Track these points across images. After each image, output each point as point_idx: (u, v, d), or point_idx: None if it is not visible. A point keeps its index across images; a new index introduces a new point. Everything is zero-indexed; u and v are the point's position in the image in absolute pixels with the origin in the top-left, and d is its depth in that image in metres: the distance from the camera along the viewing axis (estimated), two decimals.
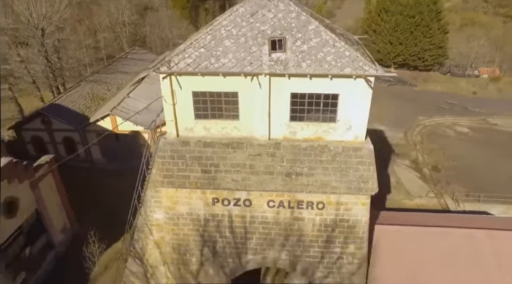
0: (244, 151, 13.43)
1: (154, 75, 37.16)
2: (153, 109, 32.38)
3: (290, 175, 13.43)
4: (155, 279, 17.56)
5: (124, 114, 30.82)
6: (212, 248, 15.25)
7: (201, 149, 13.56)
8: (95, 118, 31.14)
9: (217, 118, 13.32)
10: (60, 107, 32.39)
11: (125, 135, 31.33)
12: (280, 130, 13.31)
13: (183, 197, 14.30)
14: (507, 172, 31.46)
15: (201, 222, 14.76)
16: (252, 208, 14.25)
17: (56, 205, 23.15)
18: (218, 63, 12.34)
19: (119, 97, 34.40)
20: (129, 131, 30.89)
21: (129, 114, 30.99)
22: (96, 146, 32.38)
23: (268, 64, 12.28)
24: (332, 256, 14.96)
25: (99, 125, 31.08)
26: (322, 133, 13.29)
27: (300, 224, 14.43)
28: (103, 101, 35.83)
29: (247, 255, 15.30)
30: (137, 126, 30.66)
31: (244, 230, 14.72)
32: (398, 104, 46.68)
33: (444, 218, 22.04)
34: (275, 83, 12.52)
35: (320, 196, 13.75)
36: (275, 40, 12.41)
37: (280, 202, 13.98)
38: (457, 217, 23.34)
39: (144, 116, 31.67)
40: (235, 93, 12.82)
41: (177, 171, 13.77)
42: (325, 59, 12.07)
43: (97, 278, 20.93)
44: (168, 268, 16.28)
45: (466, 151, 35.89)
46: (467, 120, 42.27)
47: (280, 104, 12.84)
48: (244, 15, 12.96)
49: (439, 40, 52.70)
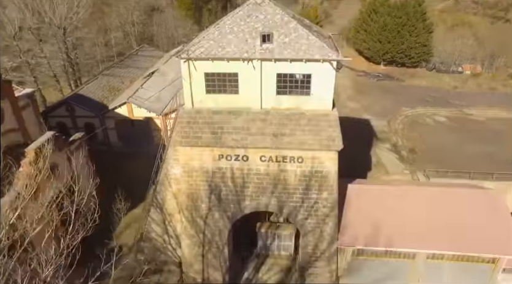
0: (242, 117, 18.16)
1: (163, 69, 42.02)
2: (163, 98, 37.34)
3: (276, 136, 18.14)
4: (171, 225, 22.26)
5: (139, 102, 35.59)
6: (217, 196, 19.94)
7: (210, 116, 18.29)
8: (113, 106, 35.87)
9: (222, 92, 18.05)
10: (82, 96, 37.17)
11: (139, 121, 36.05)
12: (269, 101, 18.04)
13: (196, 154, 19.00)
14: (474, 153, 36.12)
15: (209, 175, 19.46)
16: (248, 162, 18.96)
17: (85, 175, 27.85)
18: (223, 51, 17.07)
19: (133, 88, 39.11)
20: (143, 117, 35.62)
21: (143, 102, 35.79)
22: (113, 131, 37.14)
23: (260, 52, 17.00)
24: (310, 201, 19.65)
25: (116, 112, 35.81)
26: (300, 103, 18.01)
27: (285, 174, 19.13)
28: (118, 91, 40.60)
29: (245, 201, 20.00)
30: (150, 112, 35.41)
31: (242, 180, 19.42)
32: (385, 97, 51.40)
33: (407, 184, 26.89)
34: (265, 66, 17.24)
35: (300, 152, 18.45)
36: (265, 35, 17.13)
37: (270, 157, 18.68)
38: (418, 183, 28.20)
39: (156, 104, 36.54)
40: (235, 73, 17.55)
41: (192, 133, 18.48)
42: (301, 48, 16.79)
43: (122, 231, 25.59)
44: (183, 214, 20.95)
45: (441, 137, 40.59)
46: (446, 111, 46.98)
47: (269, 81, 17.57)
48: (242, 16, 17.68)
49: (423, 39, 57.40)
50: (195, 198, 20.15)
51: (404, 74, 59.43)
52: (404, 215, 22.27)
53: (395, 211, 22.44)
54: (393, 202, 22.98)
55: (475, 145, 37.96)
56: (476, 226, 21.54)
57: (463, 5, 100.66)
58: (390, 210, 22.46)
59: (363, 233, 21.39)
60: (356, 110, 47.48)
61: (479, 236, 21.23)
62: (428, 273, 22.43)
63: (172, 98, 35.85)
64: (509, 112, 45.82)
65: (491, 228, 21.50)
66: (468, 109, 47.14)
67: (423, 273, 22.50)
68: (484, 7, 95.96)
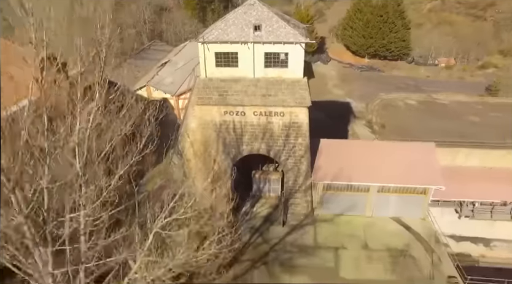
0: (241, 83, 26.29)
1: (174, 59, 50.09)
2: (175, 83, 45.48)
3: (264, 96, 26.27)
4: (187, 168, 30.30)
5: (157, 85, 43.84)
6: (223, 142, 28.04)
7: (218, 83, 26.43)
8: (135, 88, 44.03)
9: (226, 66, 26.20)
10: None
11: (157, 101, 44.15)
12: (259, 72, 26.17)
13: (208, 110, 27.12)
14: (433, 128, 44.24)
15: (217, 126, 27.57)
16: (245, 116, 27.08)
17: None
18: (228, 36, 25.20)
19: (150, 75, 47.32)
20: (160, 97, 43.76)
21: (160, 85, 44.05)
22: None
23: (253, 37, 25.12)
24: (289, 145, 27.77)
25: (138, 94, 43.93)
26: (281, 73, 26.16)
27: (271, 125, 27.25)
28: (136, 78, 48.79)
29: (243, 146, 28.14)
30: (165, 94, 43.60)
31: (240, 130, 27.55)
32: (366, 85, 59.59)
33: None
34: (256, 47, 25.37)
35: (281, 108, 26.57)
36: (256, 26, 25.25)
37: (260, 112, 26.80)
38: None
39: (170, 87, 44.75)
40: (236, 52, 25.68)
41: (205, 95, 26.61)
42: (280, 35, 24.93)
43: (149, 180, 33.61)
44: (198, 158, 29.02)
45: (409, 116, 48.79)
46: (416, 95, 55.16)
47: (259, 58, 25.70)
48: (240, 13, 25.80)
49: (402, 35, 65.59)
50: (207, 145, 28.22)
51: (386, 66, 67.65)
52: (362, 160, 30.41)
53: (355, 157, 30.61)
54: (354, 151, 31.23)
55: (435, 122, 46.11)
56: (413, 166, 29.70)
57: (449, 5, 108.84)
58: (352, 156, 30.63)
59: (331, 172, 29.50)
60: (340, 95, 55.72)
61: (415, 173, 29.40)
62: (379, 204, 30.55)
63: (182, 82, 44.26)
64: (470, 96, 53.98)
65: (423, 168, 29.68)
66: (435, 94, 55.30)
67: (375, 204, 30.61)
68: (466, 7, 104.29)
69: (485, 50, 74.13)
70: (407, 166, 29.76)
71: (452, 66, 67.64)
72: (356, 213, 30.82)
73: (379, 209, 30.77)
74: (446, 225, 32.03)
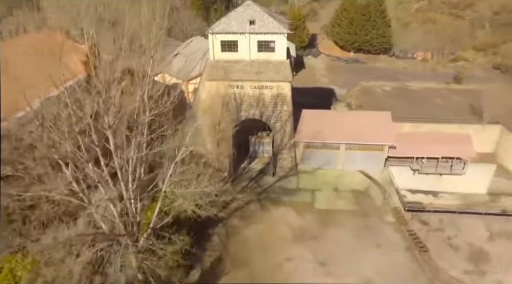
0: (240, 64, 35.57)
1: (184, 52, 59.36)
2: (185, 71, 54.72)
3: (257, 73, 35.51)
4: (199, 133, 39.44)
5: (170, 72, 53.09)
6: (226, 110, 37.22)
7: (223, 63, 35.71)
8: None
9: (229, 51, 35.48)
10: None
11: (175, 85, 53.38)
12: (254, 55, 35.46)
13: (215, 84, 36.35)
14: (402, 108, 53.01)
15: (222, 97, 36.77)
16: (243, 89, 36.34)
17: None
18: (230, 29, 34.49)
19: (163, 65, 56.51)
20: (172, 83, 52.96)
21: (173, 72, 53.29)
22: None
23: (249, 29, 34.42)
24: (277, 111, 37.02)
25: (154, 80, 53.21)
26: (270, 56, 35.44)
27: (263, 96, 36.49)
28: None
29: (241, 112, 37.37)
30: (177, 80, 52.79)
31: (240, 100, 36.79)
32: (349, 74, 68.70)
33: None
34: (251, 37, 34.65)
35: (271, 83, 35.84)
36: (251, 21, 34.52)
37: (255, 86, 36.03)
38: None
39: (180, 73, 53.99)
40: (236, 41, 35.00)
41: (213, 72, 35.86)
42: (269, 27, 34.20)
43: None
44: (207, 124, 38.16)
45: (383, 99, 57.93)
46: (392, 83, 64.30)
47: (253, 45, 34.99)
48: (239, 12, 35.07)
49: (383, 32, 74.81)
50: (214, 112, 37.37)
51: (369, 59, 76.89)
52: (334, 125, 39.71)
53: (329, 122, 39.89)
54: (329, 118, 40.52)
55: (405, 104, 55.28)
56: (372, 129, 38.92)
57: (435, 5, 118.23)
58: (326, 122, 39.91)
59: (310, 133, 38.76)
60: (326, 83, 64.98)
61: (373, 134, 38.61)
62: (347, 160, 39.75)
63: (191, 70, 53.52)
64: (438, 84, 63.18)
65: (381, 130, 38.90)
66: (408, 83, 64.49)
67: (344, 160, 39.79)
68: (449, 7, 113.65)
69: (459, 46, 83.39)
70: (368, 129, 39.02)
71: (427, 59, 76.90)
72: (330, 167, 40.05)
73: (348, 164, 39.99)
74: (403, 181, 41.21)
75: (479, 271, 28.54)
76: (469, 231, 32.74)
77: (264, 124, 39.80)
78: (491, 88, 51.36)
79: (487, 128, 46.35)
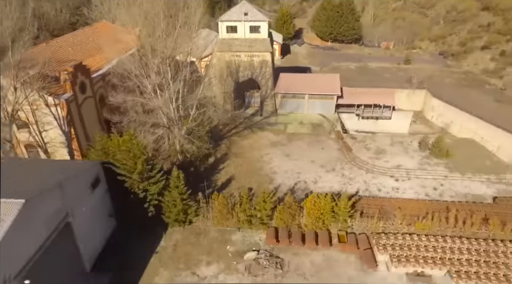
0: (238, 40, 56.87)
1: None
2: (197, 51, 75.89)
3: (250, 46, 56.73)
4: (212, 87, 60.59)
5: None
6: (229, 71, 58.40)
7: (228, 40, 57.03)
8: None
9: (231, 32, 56.78)
10: None
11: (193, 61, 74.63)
12: (247, 35, 56.79)
13: (222, 54, 57.56)
14: (361, 80, 74.06)
15: (227, 63, 57.93)
16: (240, 57, 57.60)
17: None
18: (232, 18, 55.78)
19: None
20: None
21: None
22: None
23: (244, 18, 55.68)
24: (262, 71, 58.21)
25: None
26: (257, 36, 56.69)
27: (253, 62, 57.75)
28: None
29: (239, 73, 58.55)
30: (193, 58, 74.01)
31: (238, 65, 58.03)
32: (325, 58, 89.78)
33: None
34: (245, 23, 55.87)
35: (258, 53, 57.09)
36: (245, 13, 55.77)
37: (248, 55, 57.26)
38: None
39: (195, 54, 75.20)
40: (236, 26, 56.30)
41: (221, 46, 57.17)
42: (257, 17, 55.47)
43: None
44: (217, 80, 59.28)
45: (348, 74, 78.86)
46: (356, 63, 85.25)
47: (247, 28, 56.27)
48: (238, 7, 56.37)
49: (352, 26, 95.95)
50: (221, 73, 58.50)
51: (342, 47, 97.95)
52: (302, 82, 60.71)
53: (298, 81, 60.95)
54: (298, 78, 61.69)
55: (364, 77, 76.23)
56: (327, 85, 59.96)
57: (408, 5, 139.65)
58: (296, 80, 60.96)
59: (285, 88, 59.79)
60: (305, 63, 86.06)
61: (327, 88, 59.64)
62: (310, 106, 60.69)
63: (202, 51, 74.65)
64: (391, 64, 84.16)
65: (331, 86, 59.92)
66: (369, 63, 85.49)
67: (308, 106, 60.75)
68: (419, 6, 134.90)
69: (418, 37, 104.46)
70: (324, 85, 60.07)
71: (389, 48, 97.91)
72: (298, 111, 61.04)
73: (310, 109, 60.98)
74: (351, 124, 62.23)
75: (377, 157, 49.42)
76: (380, 142, 53.72)
77: (254, 85, 60.85)
78: (426, 66, 72.54)
79: (416, 92, 67.55)
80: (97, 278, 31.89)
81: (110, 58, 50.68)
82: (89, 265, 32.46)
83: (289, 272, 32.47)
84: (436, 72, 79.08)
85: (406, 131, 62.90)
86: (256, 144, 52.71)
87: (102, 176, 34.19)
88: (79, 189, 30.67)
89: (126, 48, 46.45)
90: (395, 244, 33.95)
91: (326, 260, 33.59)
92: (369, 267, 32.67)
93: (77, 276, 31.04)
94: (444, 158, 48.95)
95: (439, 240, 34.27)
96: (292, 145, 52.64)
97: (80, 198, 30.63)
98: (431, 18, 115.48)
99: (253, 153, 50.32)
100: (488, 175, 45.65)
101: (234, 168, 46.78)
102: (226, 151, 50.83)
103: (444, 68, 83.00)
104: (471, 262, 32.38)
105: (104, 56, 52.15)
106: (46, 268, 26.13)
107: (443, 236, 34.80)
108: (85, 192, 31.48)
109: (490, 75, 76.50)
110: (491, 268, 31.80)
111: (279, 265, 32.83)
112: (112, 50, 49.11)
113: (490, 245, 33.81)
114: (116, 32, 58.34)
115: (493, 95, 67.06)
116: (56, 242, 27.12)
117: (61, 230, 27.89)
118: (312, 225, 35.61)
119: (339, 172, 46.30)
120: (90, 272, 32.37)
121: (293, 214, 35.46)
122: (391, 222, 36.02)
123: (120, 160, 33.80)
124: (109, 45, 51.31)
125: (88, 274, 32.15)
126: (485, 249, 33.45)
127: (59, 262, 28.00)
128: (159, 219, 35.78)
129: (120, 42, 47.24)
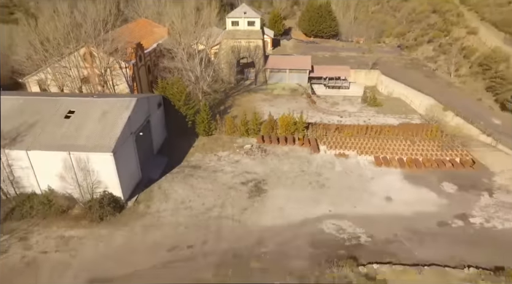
0: (240, 31, 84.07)
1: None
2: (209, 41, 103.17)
3: (247, 35, 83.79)
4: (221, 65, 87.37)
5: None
6: (233, 52, 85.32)
7: (232, 31, 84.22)
8: None
9: (235, 26, 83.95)
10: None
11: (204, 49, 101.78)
12: (246, 27, 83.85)
13: (228, 41, 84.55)
14: (332, 63, 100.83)
15: (232, 46, 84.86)
16: (241, 43, 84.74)
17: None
18: (235, 15, 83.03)
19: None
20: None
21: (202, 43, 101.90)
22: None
23: (243, 16, 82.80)
24: (256, 53, 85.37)
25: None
26: (252, 28, 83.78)
27: (250, 47, 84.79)
28: None
29: (240, 54, 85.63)
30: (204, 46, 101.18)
31: (239, 48, 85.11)
32: (306, 49, 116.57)
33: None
34: (245, 19, 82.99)
35: (253, 40, 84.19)
36: (244, 12, 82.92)
37: (247, 41, 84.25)
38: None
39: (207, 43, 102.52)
40: (238, 21, 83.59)
41: (227, 35, 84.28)
42: (252, 15, 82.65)
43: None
44: (225, 59, 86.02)
45: (323, 61, 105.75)
46: (330, 53, 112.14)
47: (246, 23, 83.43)
48: (239, 8, 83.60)
49: (329, 24, 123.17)
50: (227, 53, 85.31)
51: (322, 41, 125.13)
52: (285, 61, 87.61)
53: (282, 60, 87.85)
54: (282, 58, 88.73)
55: (335, 62, 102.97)
56: (301, 63, 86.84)
57: (385, 8, 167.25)
58: (281, 60, 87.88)
59: (272, 64, 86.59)
60: (290, 52, 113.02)
61: (301, 65, 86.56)
62: (290, 78, 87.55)
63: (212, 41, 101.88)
64: (357, 53, 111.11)
65: (305, 63, 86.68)
66: (340, 53, 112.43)
67: (289, 78, 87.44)
68: (392, 10, 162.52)
69: (385, 34, 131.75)
70: (299, 63, 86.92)
71: (360, 42, 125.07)
72: (282, 82, 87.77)
73: (290, 80, 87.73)
74: (321, 92, 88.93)
75: (333, 106, 76.04)
76: (336, 99, 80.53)
77: (250, 64, 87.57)
78: (384, 55, 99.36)
79: (372, 72, 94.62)
80: (160, 157, 58.27)
81: (151, 42, 78.07)
82: (156, 150, 58.89)
83: (269, 154, 58.85)
84: (390, 59, 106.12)
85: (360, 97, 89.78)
86: (252, 99, 79.34)
87: (161, 103, 60.76)
88: (153, 104, 57.30)
89: (160, 37, 74.26)
90: (330, 141, 60.46)
91: (291, 150, 60.05)
92: (314, 152, 59.07)
93: (150, 154, 57.38)
94: (375, 106, 75.64)
95: (356, 139, 60.82)
96: (276, 100, 79.26)
97: (153, 109, 57.23)
98: (397, 19, 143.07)
99: (250, 104, 76.90)
100: (400, 115, 72.35)
101: (237, 111, 73.35)
102: (231, 103, 77.40)
103: (398, 56, 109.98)
104: (369, 147, 58.97)
105: (146, 40, 79.20)
106: (141, 140, 52.50)
107: (358, 138, 61.37)
108: (155, 107, 58.10)
109: (429, 60, 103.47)
110: (379, 149, 58.42)
111: (263, 151, 59.27)
112: (152, 38, 76.77)
113: (383, 140, 60.50)
114: (152, 27, 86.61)
115: (425, 73, 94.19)
116: (145, 128, 53.56)
117: (147, 122, 54.33)
118: (283, 133, 62.08)
119: (305, 113, 72.81)
120: (156, 154, 58.74)
121: (272, 126, 61.94)
122: (330, 132, 62.56)
123: (172, 94, 60.39)
124: (149, 35, 79.23)
125: (155, 155, 58.50)
126: (379, 143, 60.09)
127: (144, 142, 54.35)
128: (193, 131, 62.24)
129: (155, 33, 75.05)
